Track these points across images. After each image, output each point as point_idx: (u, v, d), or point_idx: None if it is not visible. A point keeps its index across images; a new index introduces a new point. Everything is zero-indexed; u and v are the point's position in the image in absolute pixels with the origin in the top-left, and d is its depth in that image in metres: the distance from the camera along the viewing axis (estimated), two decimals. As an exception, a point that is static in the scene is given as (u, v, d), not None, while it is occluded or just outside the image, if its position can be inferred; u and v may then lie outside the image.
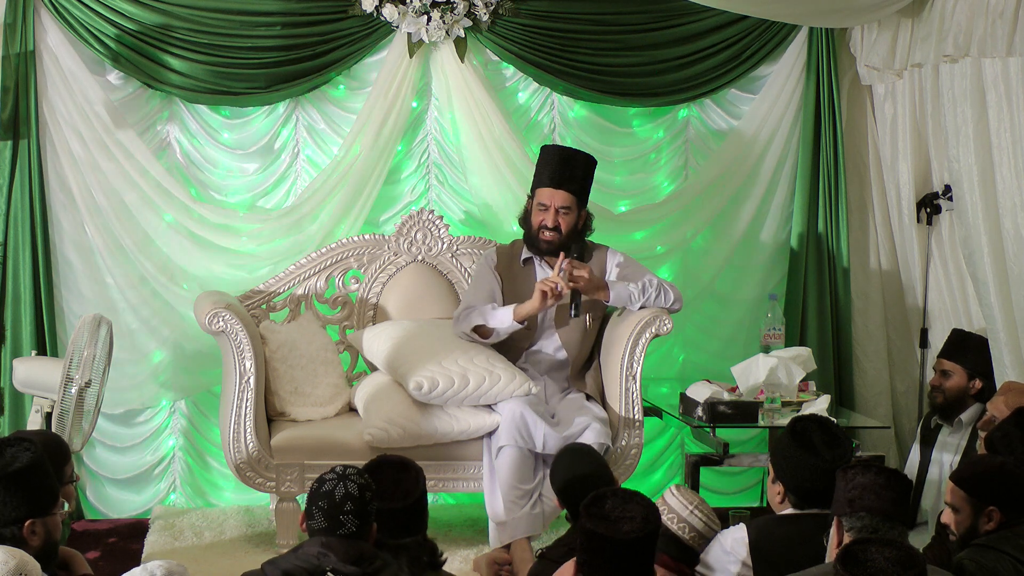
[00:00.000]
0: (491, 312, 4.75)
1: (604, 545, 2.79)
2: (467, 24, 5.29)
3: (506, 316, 4.72)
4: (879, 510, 2.96)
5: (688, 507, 3.40)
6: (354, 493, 2.98)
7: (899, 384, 5.68)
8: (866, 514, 2.96)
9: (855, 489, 2.98)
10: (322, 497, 2.99)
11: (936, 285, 5.44)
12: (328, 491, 2.99)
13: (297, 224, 5.30)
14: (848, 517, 2.98)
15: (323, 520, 2.97)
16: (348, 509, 2.97)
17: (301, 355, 4.85)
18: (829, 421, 3.58)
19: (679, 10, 5.47)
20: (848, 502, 2.98)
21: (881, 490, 2.97)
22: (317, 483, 3.03)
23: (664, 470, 5.73)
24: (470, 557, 4.53)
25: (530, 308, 4.69)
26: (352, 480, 3.00)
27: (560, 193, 4.82)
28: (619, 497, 2.88)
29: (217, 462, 5.38)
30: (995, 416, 4.12)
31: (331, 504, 2.97)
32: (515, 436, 4.48)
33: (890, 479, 3.01)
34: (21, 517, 3.00)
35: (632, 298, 4.75)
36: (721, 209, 5.63)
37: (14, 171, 5.07)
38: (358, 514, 2.98)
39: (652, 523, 2.82)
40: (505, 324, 4.72)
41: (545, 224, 4.83)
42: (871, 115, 5.64)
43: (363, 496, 3.00)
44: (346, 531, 2.97)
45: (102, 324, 4.31)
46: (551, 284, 4.62)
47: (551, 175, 4.84)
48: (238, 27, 5.19)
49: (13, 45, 5.01)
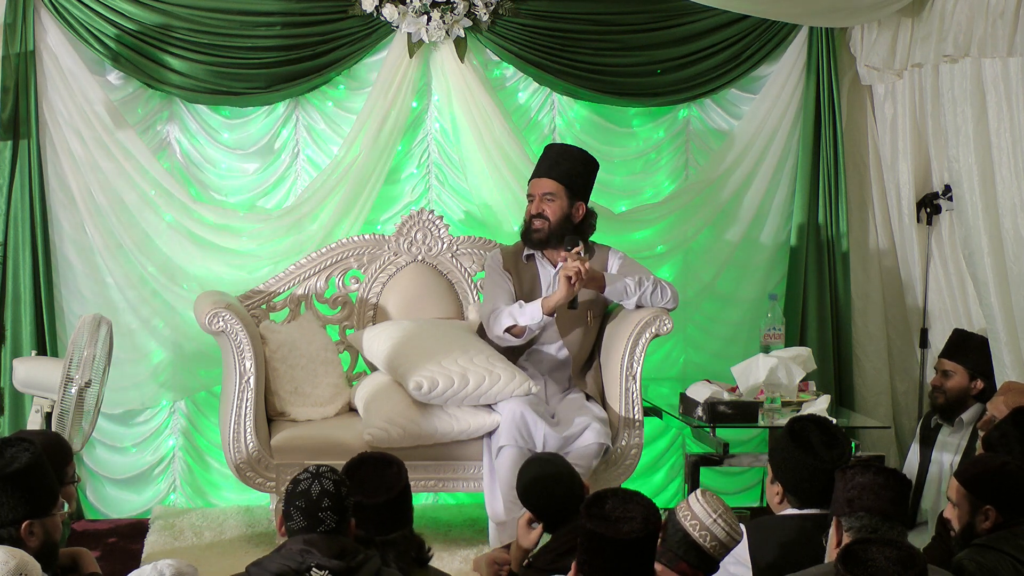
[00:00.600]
0: (519, 311, 4.73)
1: (604, 545, 2.79)
2: (467, 24, 5.29)
3: (535, 311, 4.70)
4: (878, 510, 2.96)
5: (712, 515, 3.29)
6: (330, 489, 3.02)
7: (899, 384, 5.68)
8: (865, 514, 2.96)
9: (854, 489, 2.98)
10: (299, 497, 3.02)
11: (936, 285, 5.44)
12: (304, 490, 3.02)
13: (297, 224, 5.30)
14: (847, 517, 2.98)
15: (302, 519, 3.01)
16: (326, 505, 3.00)
17: (301, 355, 4.85)
18: (827, 421, 3.58)
19: (679, 10, 5.47)
20: (847, 502, 2.98)
21: (880, 490, 2.97)
22: (292, 484, 3.06)
23: (665, 470, 5.73)
24: (470, 557, 4.53)
25: (557, 298, 4.67)
26: (326, 477, 3.04)
27: (543, 180, 4.84)
28: (619, 497, 2.88)
29: (217, 462, 5.38)
30: (995, 416, 4.13)
31: (309, 502, 3.00)
32: (515, 436, 4.48)
33: (889, 479, 3.01)
34: (19, 518, 3.00)
35: (628, 291, 4.74)
36: (721, 209, 5.63)
37: (14, 171, 5.07)
38: (336, 510, 3.01)
39: (652, 523, 2.83)
40: (536, 319, 4.69)
41: (532, 213, 4.84)
42: (871, 115, 5.64)
43: (339, 491, 3.04)
44: (326, 527, 3.00)
45: (102, 324, 4.30)
46: (574, 268, 4.61)
47: (542, 166, 4.88)
48: (238, 27, 5.19)
49: (13, 45, 5.01)
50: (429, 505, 5.42)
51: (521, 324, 4.72)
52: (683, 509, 3.28)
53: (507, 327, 4.73)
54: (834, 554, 2.96)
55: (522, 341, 4.79)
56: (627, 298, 4.76)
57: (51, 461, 3.32)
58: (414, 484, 4.62)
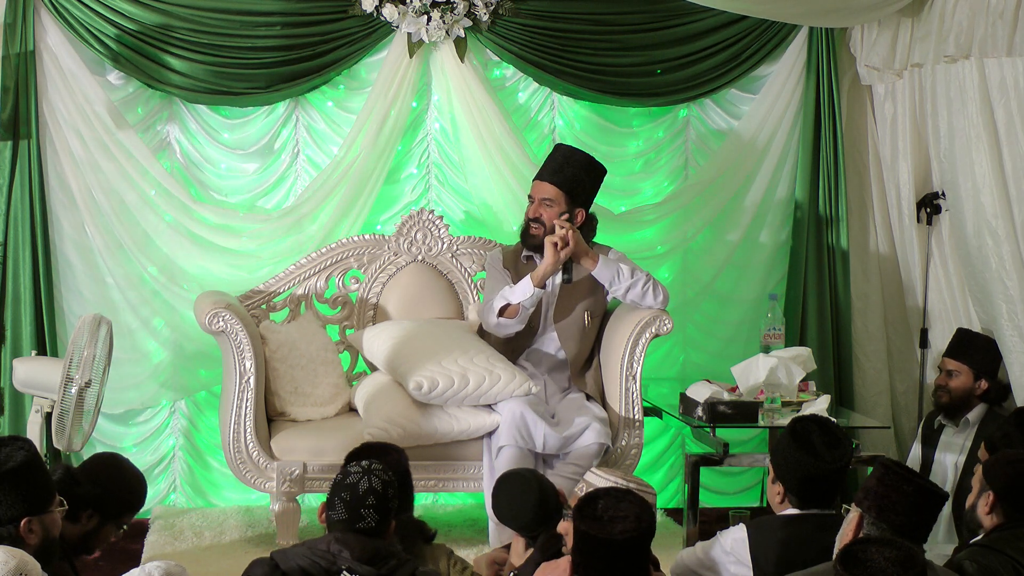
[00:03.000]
0: (509, 291, 4.74)
1: (599, 546, 2.78)
2: (467, 24, 5.29)
3: (526, 286, 4.70)
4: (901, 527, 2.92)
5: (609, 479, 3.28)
6: (377, 488, 3.04)
7: (899, 384, 5.67)
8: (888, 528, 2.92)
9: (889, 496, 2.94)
10: (345, 489, 3.04)
11: (936, 285, 5.44)
12: (352, 483, 3.04)
13: (297, 224, 5.30)
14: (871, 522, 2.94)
15: (344, 512, 3.02)
16: (370, 503, 3.02)
17: (301, 355, 4.85)
18: (829, 421, 3.57)
19: (679, 10, 5.47)
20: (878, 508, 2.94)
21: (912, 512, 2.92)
22: (341, 475, 3.08)
23: (665, 470, 5.73)
24: (470, 557, 4.52)
25: (544, 268, 4.68)
26: (376, 475, 3.06)
27: (544, 185, 4.83)
28: (611, 496, 2.87)
29: (217, 462, 5.38)
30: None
31: (354, 496, 3.02)
32: (515, 436, 4.48)
33: (928, 499, 2.96)
34: (17, 516, 3.01)
35: (620, 275, 4.72)
36: (721, 209, 5.63)
37: (14, 171, 5.07)
38: (379, 509, 3.03)
39: (646, 521, 2.81)
40: (528, 293, 4.69)
41: (529, 216, 4.84)
42: (871, 115, 5.64)
43: (385, 492, 3.05)
44: (365, 525, 3.01)
45: (102, 324, 4.30)
46: (560, 235, 4.62)
47: (545, 170, 4.87)
48: (238, 27, 5.19)
49: (13, 45, 5.01)
50: (429, 505, 5.42)
51: (514, 301, 4.71)
52: (583, 488, 3.27)
53: (500, 309, 4.73)
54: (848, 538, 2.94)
55: (519, 324, 4.77)
56: (618, 282, 4.73)
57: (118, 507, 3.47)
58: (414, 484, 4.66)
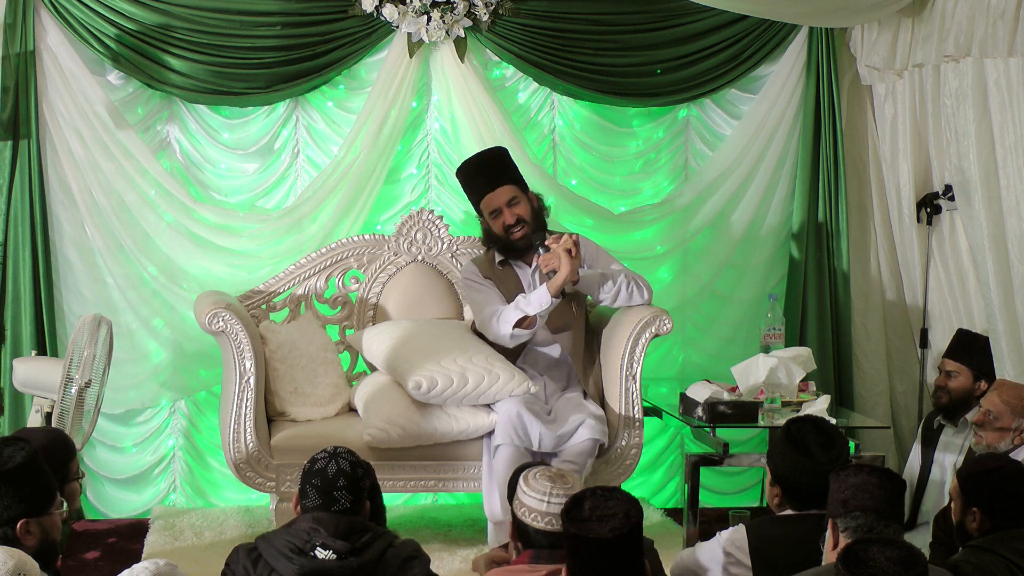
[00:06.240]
0: (525, 303, 4.67)
1: (589, 547, 2.76)
2: (467, 24, 5.29)
3: (543, 296, 4.62)
4: (873, 508, 2.95)
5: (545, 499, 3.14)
6: (346, 469, 3.09)
7: (899, 384, 5.67)
8: (860, 513, 2.94)
9: (848, 490, 2.97)
10: (315, 475, 3.08)
11: (936, 285, 5.44)
12: (320, 469, 3.09)
13: (297, 224, 5.30)
14: (843, 518, 2.97)
15: (317, 498, 3.07)
16: (341, 485, 3.07)
17: (301, 355, 4.85)
18: (825, 422, 3.56)
19: (679, 10, 5.47)
20: (842, 503, 2.97)
21: (874, 489, 2.96)
22: (309, 463, 3.13)
23: (664, 470, 5.73)
24: (470, 557, 4.53)
25: (563, 274, 4.59)
26: (343, 457, 3.12)
27: (498, 192, 4.80)
28: (597, 496, 2.86)
29: (217, 462, 5.38)
30: (990, 410, 4.12)
31: (324, 481, 3.07)
32: (511, 435, 4.48)
33: (882, 478, 3.00)
34: (15, 517, 3.00)
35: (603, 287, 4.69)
36: (721, 209, 5.63)
37: (14, 171, 5.07)
38: (351, 490, 3.08)
39: (634, 517, 2.80)
40: (545, 304, 4.62)
41: (508, 224, 4.82)
42: (871, 115, 5.64)
43: (355, 472, 3.11)
44: (340, 507, 3.06)
45: (102, 324, 4.30)
46: (569, 242, 4.59)
47: (481, 183, 4.83)
48: (238, 27, 5.19)
49: (13, 45, 5.01)
50: (429, 505, 5.42)
51: (532, 313, 4.64)
52: (519, 507, 3.18)
53: (517, 321, 4.68)
54: (831, 556, 2.95)
55: (529, 335, 4.76)
56: (602, 292, 4.72)
57: (54, 457, 3.35)
58: (414, 484, 4.66)
